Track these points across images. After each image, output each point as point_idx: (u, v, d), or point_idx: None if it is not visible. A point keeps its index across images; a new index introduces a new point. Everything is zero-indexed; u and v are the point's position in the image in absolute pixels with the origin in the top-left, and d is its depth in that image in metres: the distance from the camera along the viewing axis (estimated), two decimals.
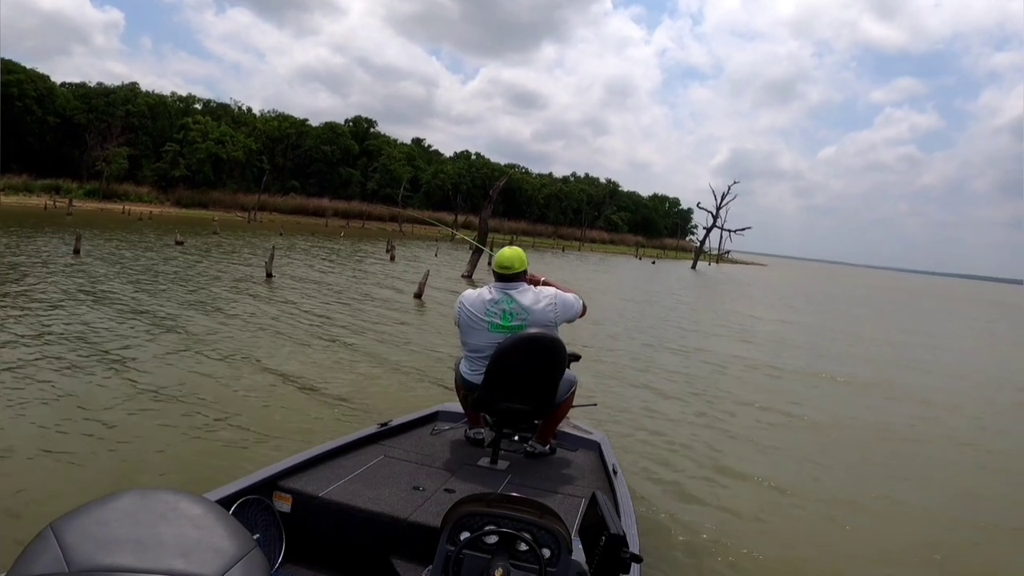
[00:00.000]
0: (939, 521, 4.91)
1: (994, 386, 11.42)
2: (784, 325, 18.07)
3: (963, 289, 64.05)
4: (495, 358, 3.27)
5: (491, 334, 3.37)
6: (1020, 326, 29.47)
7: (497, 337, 3.34)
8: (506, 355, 3.24)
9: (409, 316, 12.17)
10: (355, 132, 73.02)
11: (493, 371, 3.29)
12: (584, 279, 27.34)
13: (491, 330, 3.37)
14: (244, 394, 6.12)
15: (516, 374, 3.29)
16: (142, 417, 5.17)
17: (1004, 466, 6.50)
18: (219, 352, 7.55)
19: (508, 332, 3.34)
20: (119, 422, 5.02)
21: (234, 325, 9.23)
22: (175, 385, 6.07)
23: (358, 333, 9.70)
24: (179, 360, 7.02)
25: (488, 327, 3.37)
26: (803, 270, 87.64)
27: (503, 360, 3.25)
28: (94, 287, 11.23)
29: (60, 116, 52.19)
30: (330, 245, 31.70)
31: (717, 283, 38.45)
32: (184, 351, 7.41)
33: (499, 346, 3.27)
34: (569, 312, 3.47)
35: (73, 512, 1.08)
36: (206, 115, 61.71)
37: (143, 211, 43.97)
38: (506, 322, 3.36)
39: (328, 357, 7.96)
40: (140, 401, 5.53)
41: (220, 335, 8.47)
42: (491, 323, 3.37)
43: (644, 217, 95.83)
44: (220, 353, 7.51)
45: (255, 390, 6.31)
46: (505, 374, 3.28)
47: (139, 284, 12.20)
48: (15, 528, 3.28)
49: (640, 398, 7.69)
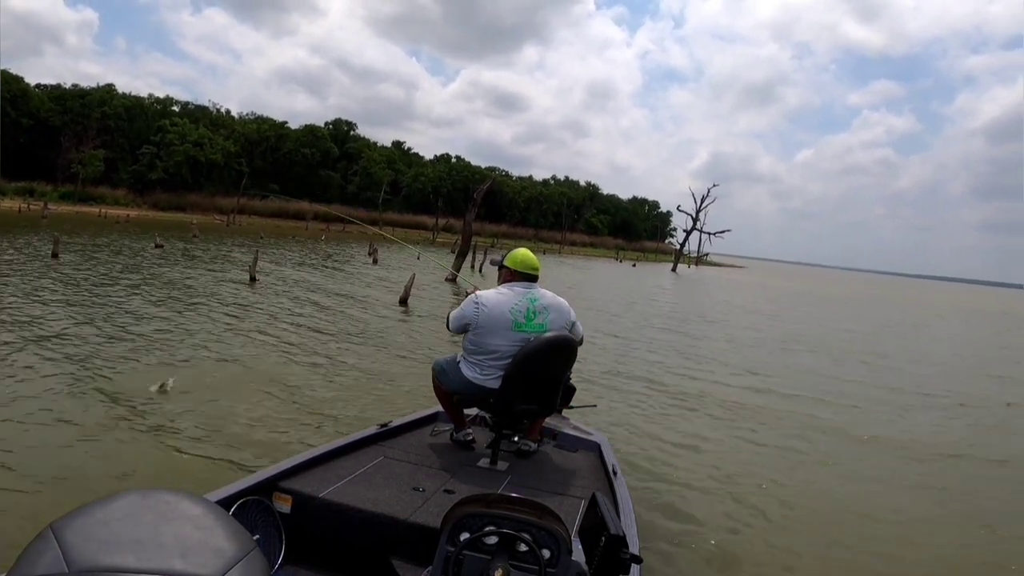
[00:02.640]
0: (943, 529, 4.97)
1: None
2: (782, 325, 18.22)
3: (923, 294, 64.68)
4: (522, 360, 3.28)
5: (513, 333, 3.36)
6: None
7: (519, 337, 3.35)
8: (533, 357, 3.27)
9: (395, 322, 12.09)
10: (335, 135, 72.65)
11: (518, 372, 3.30)
12: (573, 282, 27.36)
13: (514, 329, 3.36)
14: (231, 402, 6.03)
15: (537, 376, 3.33)
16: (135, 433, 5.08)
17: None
18: (207, 358, 7.45)
19: (530, 331, 3.35)
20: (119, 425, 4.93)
21: (220, 330, 9.14)
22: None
23: (344, 338, 9.64)
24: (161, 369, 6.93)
25: (511, 326, 3.36)
26: (780, 273, 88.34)
27: (529, 362, 3.27)
28: (80, 293, 11.05)
29: (34, 118, 51.31)
30: (312, 248, 31.49)
31: (701, 284, 38.71)
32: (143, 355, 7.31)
33: (525, 348, 3.28)
34: (578, 330, 3.57)
35: (73, 512, 1.06)
36: (184, 117, 61.09)
37: (120, 214, 43.36)
38: (529, 321, 3.38)
39: (313, 362, 7.88)
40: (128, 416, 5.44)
41: (199, 340, 8.37)
42: (515, 322, 3.36)
43: (624, 220, 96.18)
44: (209, 359, 7.42)
45: (249, 395, 6.23)
46: (527, 376, 3.31)
47: (125, 288, 12.04)
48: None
49: (640, 399, 7.73)
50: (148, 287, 12.56)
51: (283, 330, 9.58)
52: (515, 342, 3.35)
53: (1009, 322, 34.39)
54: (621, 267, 51.99)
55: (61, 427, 4.83)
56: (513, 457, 3.52)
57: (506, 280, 3.55)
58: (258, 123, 68.10)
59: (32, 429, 4.72)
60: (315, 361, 7.85)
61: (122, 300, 10.66)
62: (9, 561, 0.97)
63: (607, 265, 51.10)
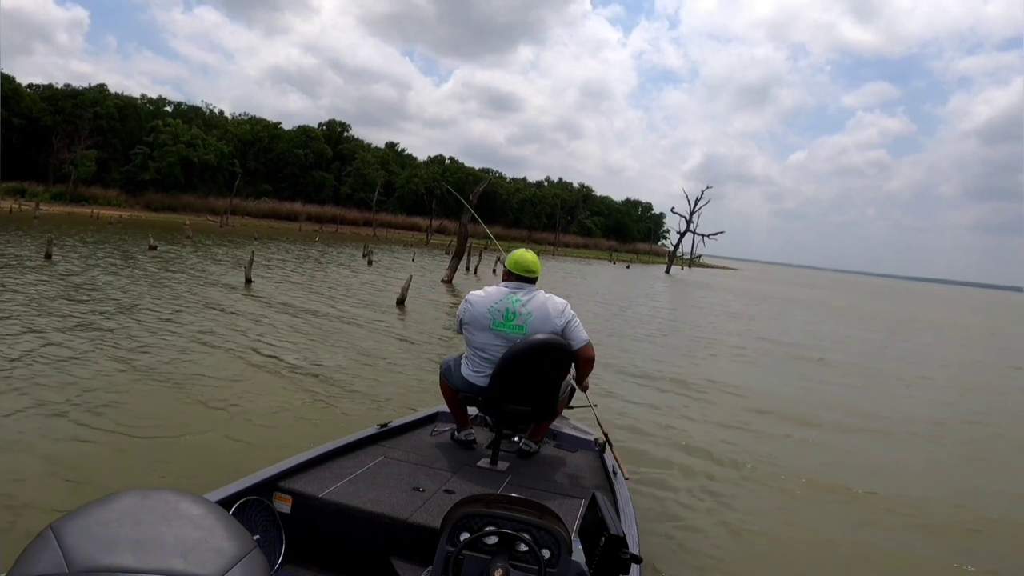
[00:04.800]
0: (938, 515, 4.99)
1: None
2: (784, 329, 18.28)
3: (920, 304, 64.92)
4: (505, 361, 3.28)
5: (492, 331, 3.36)
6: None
7: (498, 336, 3.35)
8: (516, 359, 3.25)
9: (394, 322, 12.06)
10: (328, 136, 72.59)
11: (501, 373, 3.29)
12: (573, 283, 27.40)
13: (492, 327, 3.36)
14: (235, 400, 6.00)
15: (524, 378, 3.31)
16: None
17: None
18: (207, 353, 7.43)
19: (506, 331, 3.34)
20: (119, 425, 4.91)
21: (219, 332, 9.10)
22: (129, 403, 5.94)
23: (342, 337, 9.62)
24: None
25: (490, 323, 3.36)
26: (774, 277, 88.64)
27: (513, 363, 3.26)
28: (81, 296, 11.00)
29: (26, 118, 51.12)
30: (306, 250, 31.39)
31: (697, 287, 38.78)
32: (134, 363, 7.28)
33: (510, 349, 3.28)
34: (576, 336, 3.37)
35: (73, 512, 1.07)
36: (177, 118, 60.92)
37: (112, 215, 43.16)
38: (507, 321, 3.35)
39: (312, 362, 7.85)
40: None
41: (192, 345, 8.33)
42: (493, 320, 3.36)
43: (617, 222, 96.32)
44: (209, 353, 7.39)
45: (247, 394, 6.21)
46: (513, 377, 3.30)
47: (123, 290, 11.98)
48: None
49: (640, 399, 7.73)
50: (149, 287, 12.50)
51: (278, 330, 9.57)
52: (496, 341, 3.35)
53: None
54: (615, 269, 51.95)
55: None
56: (513, 457, 3.53)
57: (504, 279, 3.56)
58: (251, 124, 67.99)
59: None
60: (306, 362, 7.83)
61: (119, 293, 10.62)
62: (9, 562, 0.97)
63: (601, 268, 50.99)
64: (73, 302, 10.06)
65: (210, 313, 10.48)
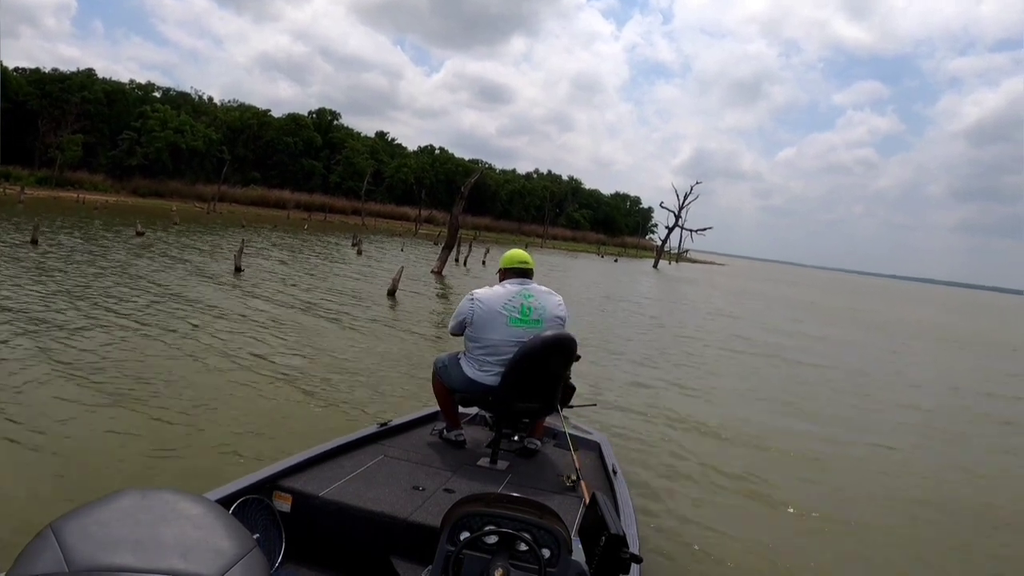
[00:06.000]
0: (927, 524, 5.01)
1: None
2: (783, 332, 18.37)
3: (906, 305, 65.48)
4: (521, 357, 3.28)
5: (510, 328, 3.37)
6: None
7: (515, 331, 3.36)
8: (533, 354, 3.26)
9: (385, 313, 12.02)
10: (318, 124, 72.23)
11: (516, 370, 3.29)
12: (567, 276, 27.38)
13: (510, 324, 3.37)
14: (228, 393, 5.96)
15: (538, 374, 3.33)
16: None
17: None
18: (196, 348, 7.37)
19: (526, 326, 3.37)
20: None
21: (205, 320, 9.04)
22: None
23: (333, 330, 9.57)
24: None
25: (507, 321, 3.37)
26: (762, 274, 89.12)
27: (528, 360, 3.27)
28: (73, 285, 10.88)
29: (12, 101, 50.46)
30: (294, 238, 31.23)
31: (687, 283, 38.93)
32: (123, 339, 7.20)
33: (524, 346, 3.28)
34: (568, 321, 3.57)
35: (73, 512, 1.07)
36: (165, 104, 60.45)
37: (98, 200, 42.72)
38: (524, 316, 3.39)
39: (304, 354, 7.82)
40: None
41: (180, 336, 8.26)
42: (510, 317, 3.38)
43: (606, 215, 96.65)
44: (198, 349, 7.33)
45: (240, 386, 6.18)
46: (527, 373, 3.30)
47: (110, 278, 11.87)
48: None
49: (640, 399, 7.73)
50: (119, 277, 12.39)
51: (270, 319, 9.52)
52: (511, 338, 3.35)
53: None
54: (603, 263, 51.98)
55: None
56: (513, 456, 3.53)
57: (503, 278, 3.59)
58: (240, 111, 67.66)
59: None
60: (296, 355, 7.79)
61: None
62: (9, 562, 0.97)
63: (588, 261, 51.01)
64: (58, 293, 9.96)
65: (198, 305, 10.42)
